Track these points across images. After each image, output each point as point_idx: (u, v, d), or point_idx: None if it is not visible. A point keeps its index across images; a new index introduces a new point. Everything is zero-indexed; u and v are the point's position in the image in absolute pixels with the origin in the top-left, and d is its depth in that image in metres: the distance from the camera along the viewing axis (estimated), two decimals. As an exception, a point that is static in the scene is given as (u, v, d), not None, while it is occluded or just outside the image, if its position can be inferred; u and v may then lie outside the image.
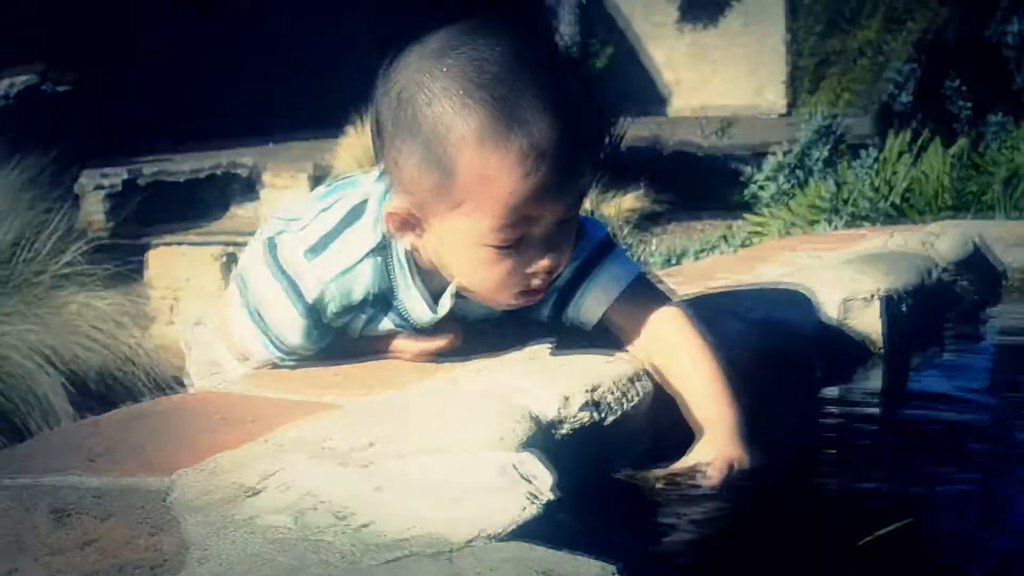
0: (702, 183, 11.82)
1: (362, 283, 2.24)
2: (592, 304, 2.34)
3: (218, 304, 2.58)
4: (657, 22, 21.19)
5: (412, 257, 2.25)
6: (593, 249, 2.34)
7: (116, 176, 11.28)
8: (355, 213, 2.25)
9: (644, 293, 2.35)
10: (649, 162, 13.29)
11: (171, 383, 5.79)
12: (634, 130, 15.35)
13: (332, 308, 2.25)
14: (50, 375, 5.88)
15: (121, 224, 10.59)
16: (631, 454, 2.14)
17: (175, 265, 9.90)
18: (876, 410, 2.63)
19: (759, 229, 7.75)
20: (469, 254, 2.10)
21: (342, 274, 2.22)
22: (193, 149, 13.10)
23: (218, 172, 12.40)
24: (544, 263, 2.11)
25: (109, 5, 14.87)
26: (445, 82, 2.01)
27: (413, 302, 2.28)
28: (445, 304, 2.28)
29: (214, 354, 2.62)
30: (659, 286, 2.44)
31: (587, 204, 2.32)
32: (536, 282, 2.15)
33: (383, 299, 2.29)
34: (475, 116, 1.97)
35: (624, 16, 22.66)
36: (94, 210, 10.71)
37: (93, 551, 1.47)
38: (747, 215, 8.40)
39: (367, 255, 2.23)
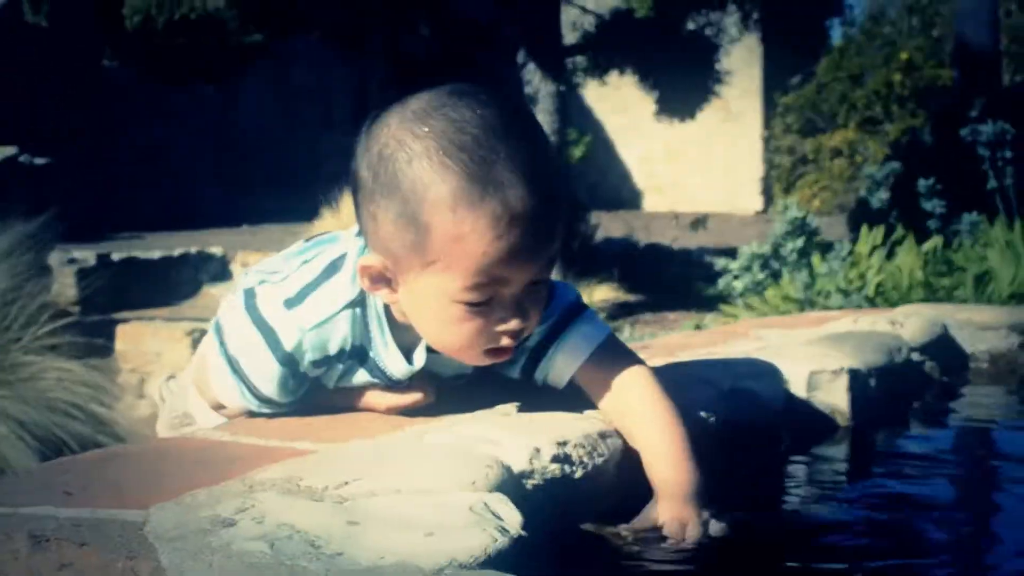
0: (675, 276, 11.87)
1: (339, 335, 2.28)
2: (562, 365, 2.38)
3: (194, 356, 2.60)
4: (634, 117, 21.33)
5: (388, 312, 2.29)
6: (564, 311, 2.39)
7: (89, 252, 11.29)
8: (334, 267, 2.30)
9: (613, 354, 2.39)
10: (623, 255, 13.37)
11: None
12: (608, 224, 15.47)
13: (309, 358, 2.29)
14: (26, 442, 5.87)
15: (93, 300, 10.57)
16: (600, 510, 2.17)
17: (145, 341, 9.89)
18: (841, 482, 2.64)
19: (732, 320, 7.80)
20: (440, 311, 2.14)
21: (320, 325, 2.26)
22: (165, 230, 13.14)
23: (192, 251, 12.41)
24: (513, 324, 2.15)
25: (82, 91, 14.97)
26: (425, 142, 2.06)
27: (388, 356, 2.32)
28: (419, 358, 2.32)
29: (188, 406, 2.66)
30: (628, 348, 2.48)
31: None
32: (504, 342, 2.19)
33: (359, 352, 2.33)
34: (452, 178, 2.02)
35: (601, 110, 22.84)
36: (67, 284, 10.69)
37: (70, 573, 1.49)
38: (722, 305, 8.47)
39: (345, 307, 2.27)
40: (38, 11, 9.97)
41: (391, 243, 2.12)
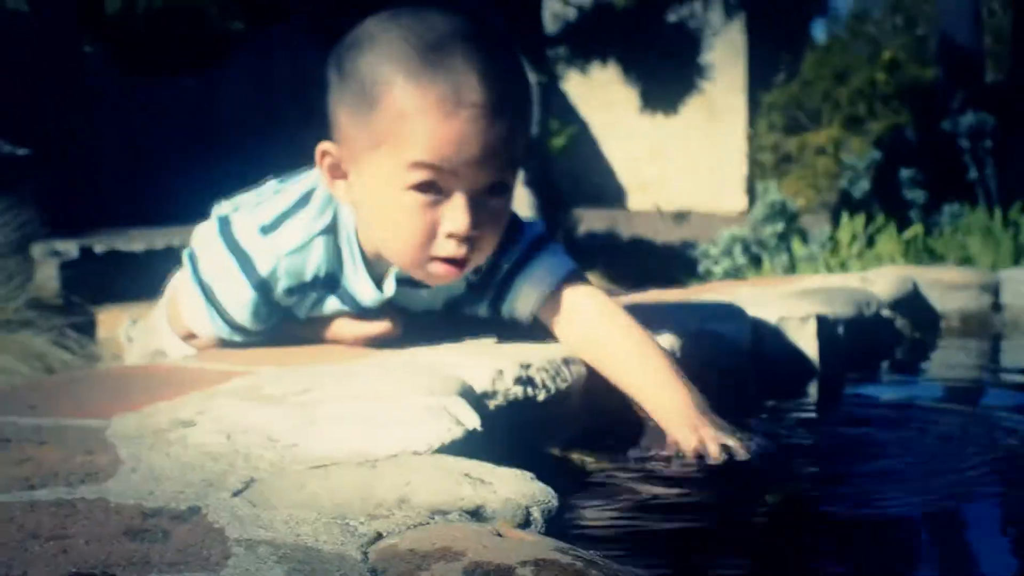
0: (658, 268, 11.88)
1: (313, 261, 2.30)
2: (527, 295, 2.39)
3: (166, 289, 2.61)
4: (618, 114, 21.35)
5: (359, 241, 2.31)
6: (529, 244, 2.40)
7: (72, 244, 11.26)
8: (308, 196, 2.32)
9: (578, 287, 2.40)
10: (606, 248, 13.40)
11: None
12: (592, 221, 15.48)
13: (283, 284, 2.30)
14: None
15: (76, 292, 10.54)
16: (565, 436, 2.18)
17: (117, 327, 9.84)
18: (807, 426, 2.62)
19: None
20: (388, 199, 2.13)
21: (296, 251, 2.27)
22: (146, 223, 13.12)
23: (175, 244, 12.39)
24: (461, 225, 2.12)
25: (63, 81, 14.95)
26: (390, 33, 2.11)
27: (359, 283, 2.34)
28: (389, 285, 2.33)
29: (158, 343, 2.66)
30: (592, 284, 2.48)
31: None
32: (451, 248, 2.16)
33: (331, 280, 2.34)
34: (407, 60, 2.06)
35: (585, 108, 22.85)
36: (49, 276, 10.66)
37: (30, 466, 1.50)
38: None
39: (319, 234, 2.29)
40: (18, -3, 9.97)
41: (346, 128, 2.16)
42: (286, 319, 2.43)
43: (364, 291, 2.35)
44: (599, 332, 2.32)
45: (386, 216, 2.17)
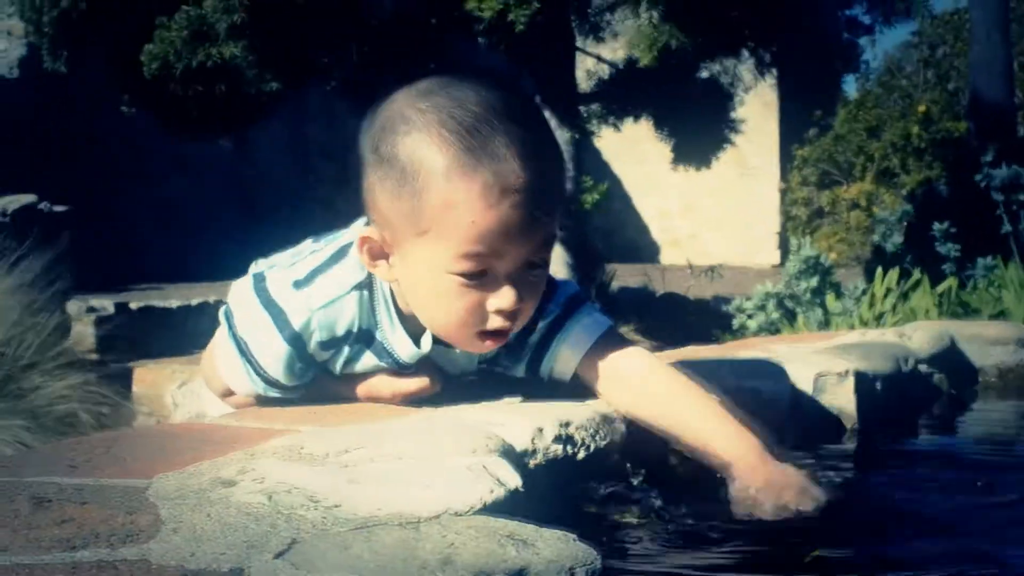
0: (692, 323, 11.86)
1: (347, 316, 2.31)
2: (566, 355, 2.40)
3: (205, 351, 2.62)
4: (651, 170, 21.37)
5: (395, 297, 2.31)
6: (564, 304, 2.42)
7: (107, 300, 11.28)
8: (342, 252, 2.34)
9: (617, 343, 2.41)
10: (640, 302, 13.37)
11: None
12: (626, 276, 15.46)
13: (316, 338, 2.30)
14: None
15: (111, 349, 10.57)
16: (604, 494, 2.17)
17: (162, 384, 9.88)
18: (845, 481, 2.59)
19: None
20: (433, 283, 2.16)
21: (328, 305, 2.28)
22: (181, 281, 13.17)
23: (210, 301, 12.42)
24: (506, 302, 2.16)
25: (101, 141, 15.06)
26: (426, 116, 2.11)
27: (396, 338, 2.34)
28: (427, 341, 2.33)
29: (201, 407, 2.68)
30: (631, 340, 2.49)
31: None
32: (499, 323, 2.21)
33: (366, 335, 2.35)
34: (448, 148, 2.07)
35: (618, 164, 22.89)
36: (85, 332, 10.69)
37: (71, 526, 1.50)
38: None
39: (353, 289, 2.30)
40: (57, 58, 10.01)
41: (387, 213, 2.16)
42: (322, 375, 2.43)
43: (401, 347, 2.35)
44: (648, 387, 2.33)
45: (432, 298, 2.20)
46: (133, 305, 11.53)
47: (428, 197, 2.08)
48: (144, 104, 10.75)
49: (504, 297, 2.16)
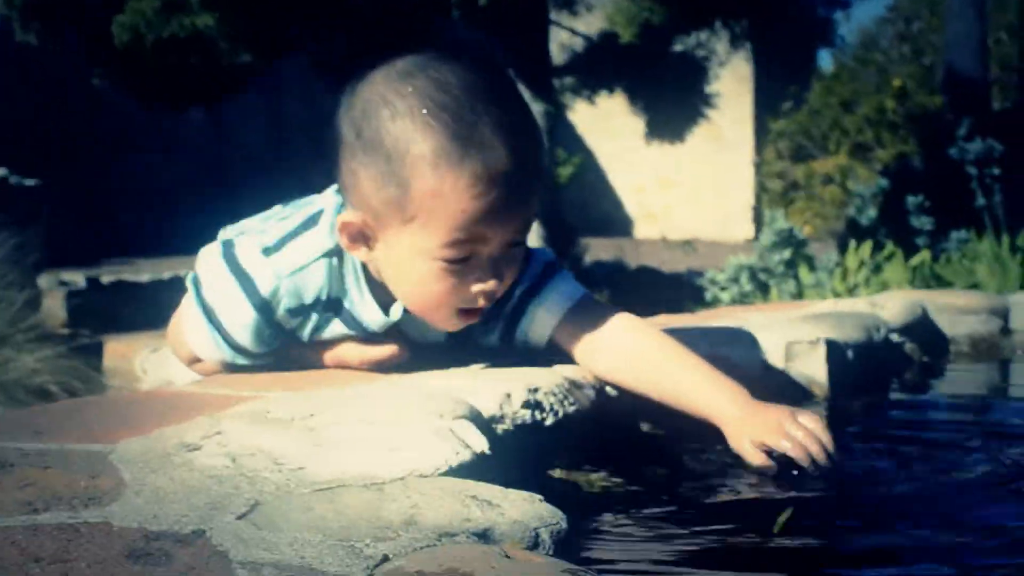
0: (665, 297, 11.87)
1: (315, 283, 2.29)
2: (542, 321, 2.39)
3: (172, 317, 2.59)
4: (625, 145, 21.35)
5: (365, 266, 2.30)
6: (540, 271, 2.40)
7: (79, 275, 11.23)
8: (312, 220, 2.32)
9: (593, 308, 2.40)
10: (614, 277, 13.39)
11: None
12: (600, 250, 15.47)
13: (284, 305, 2.29)
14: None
15: (83, 323, 10.51)
16: (574, 459, 2.16)
17: (133, 357, 9.84)
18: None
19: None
20: (417, 268, 2.15)
21: (296, 272, 2.27)
22: (154, 255, 13.13)
23: (182, 274, 12.34)
24: (490, 285, 2.18)
25: (72, 114, 14.98)
26: (409, 100, 2.08)
27: (364, 307, 2.33)
28: (397, 309, 2.32)
29: (169, 373, 2.66)
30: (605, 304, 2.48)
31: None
32: (480, 302, 2.22)
33: (335, 303, 2.34)
34: (435, 136, 2.05)
35: (593, 138, 22.87)
36: (56, 306, 10.64)
37: (32, 490, 1.49)
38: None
39: (322, 256, 2.28)
40: (28, 30, 9.94)
41: (371, 199, 2.13)
42: (291, 343, 2.41)
43: (370, 315, 2.34)
44: (633, 347, 2.33)
45: (414, 282, 2.19)
46: (105, 279, 11.48)
47: (415, 186, 2.06)
48: (116, 76, 10.69)
49: (488, 280, 2.17)
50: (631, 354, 2.32)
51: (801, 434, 2.09)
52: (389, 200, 2.10)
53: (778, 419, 2.13)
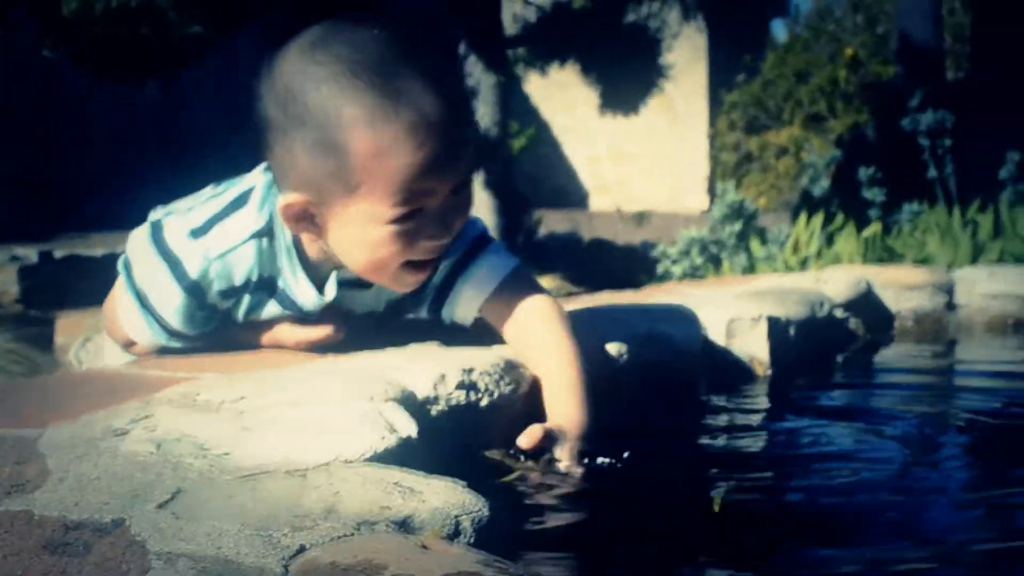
0: (619, 269, 11.87)
1: (245, 264, 2.27)
2: (468, 299, 2.39)
3: (105, 301, 2.58)
4: (579, 117, 21.35)
5: (298, 244, 2.28)
6: (468, 246, 2.39)
7: (31, 249, 11.16)
8: (242, 199, 2.30)
9: (519, 287, 2.39)
10: (568, 250, 13.37)
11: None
12: (554, 222, 15.46)
13: (215, 287, 2.27)
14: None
15: (35, 298, 10.45)
16: (508, 441, 2.15)
17: (85, 332, 9.77)
18: (751, 425, 2.59)
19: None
20: (368, 235, 2.12)
21: (225, 254, 2.25)
22: (107, 229, 13.05)
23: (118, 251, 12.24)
24: (442, 234, 2.16)
25: (22, 86, 14.87)
26: (329, 67, 2.05)
27: (298, 287, 2.31)
28: (330, 290, 2.31)
29: (104, 361, 2.64)
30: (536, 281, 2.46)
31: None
32: (430, 253, 2.19)
33: (268, 284, 2.32)
34: (363, 96, 2.02)
35: (547, 110, 22.85)
36: (8, 281, 10.56)
37: (-46, 478, 1.48)
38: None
39: (251, 237, 2.26)
40: (-25, 2, 9.86)
41: (311, 175, 2.10)
42: (226, 324, 2.40)
43: (304, 295, 2.32)
44: (531, 332, 2.33)
45: (367, 249, 2.16)
46: (58, 254, 11.40)
47: (354, 149, 2.03)
48: (65, 48, 10.60)
49: (438, 230, 2.15)
50: (527, 344, 2.33)
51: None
52: (330, 172, 2.07)
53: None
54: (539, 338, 2.30)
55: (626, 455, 2.06)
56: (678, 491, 2.01)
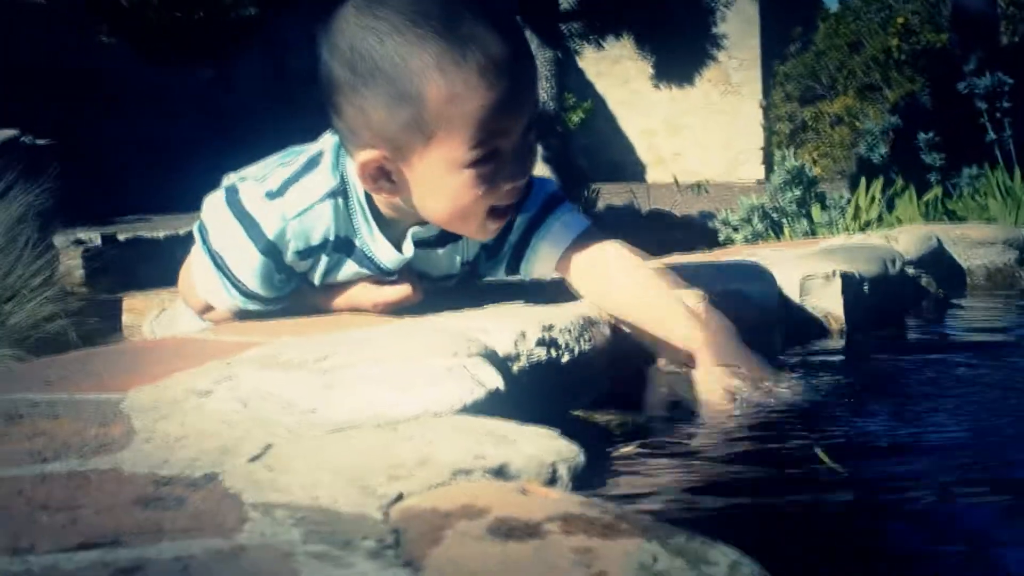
0: (679, 240, 11.85)
1: (322, 224, 2.28)
2: (546, 253, 2.40)
3: (182, 269, 2.58)
4: (634, 91, 21.33)
5: (372, 202, 2.28)
6: (543, 203, 2.40)
7: (94, 233, 11.20)
8: (313, 162, 2.30)
9: (596, 240, 2.41)
10: (626, 222, 13.35)
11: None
12: (612, 195, 15.44)
13: (293, 248, 2.27)
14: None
15: (100, 281, 10.50)
16: (591, 398, 2.14)
17: (152, 313, 9.80)
18: (833, 382, 2.56)
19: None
20: (449, 183, 2.13)
21: (302, 213, 2.25)
22: (166, 212, 13.10)
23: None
24: (519, 176, 2.18)
25: (81, 72, 14.94)
26: (392, 20, 2.06)
27: (376, 245, 2.32)
28: (408, 247, 2.30)
29: (179, 332, 2.64)
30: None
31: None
32: (511, 197, 2.21)
33: (344, 243, 2.32)
34: (430, 43, 2.03)
35: (602, 85, 22.82)
36: (73, 265, 10.61)
37: (42, 440, 1.47)
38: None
39: (326, 196, 2.27)
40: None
41: (386, 128, 2.11)
42: (303, 287, 2.40)
43: (383, 253, 2.32)
44: (617, 277, 2.34)
45: (450, 198, 2.17)
46: (121, 236, 11.45)
47: (429, 96, 2.04)
48: (122, 33, 10.65)
49: (516, 171, 2.17)
50: (617, 286, 2.34)
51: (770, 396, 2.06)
52: (404, 122, 2.08)
53: (758, 371, 2.10)
54: (622, 277, 2.33)
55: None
56: (758, 443, 1.98)
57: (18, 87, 13.22)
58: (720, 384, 2.10)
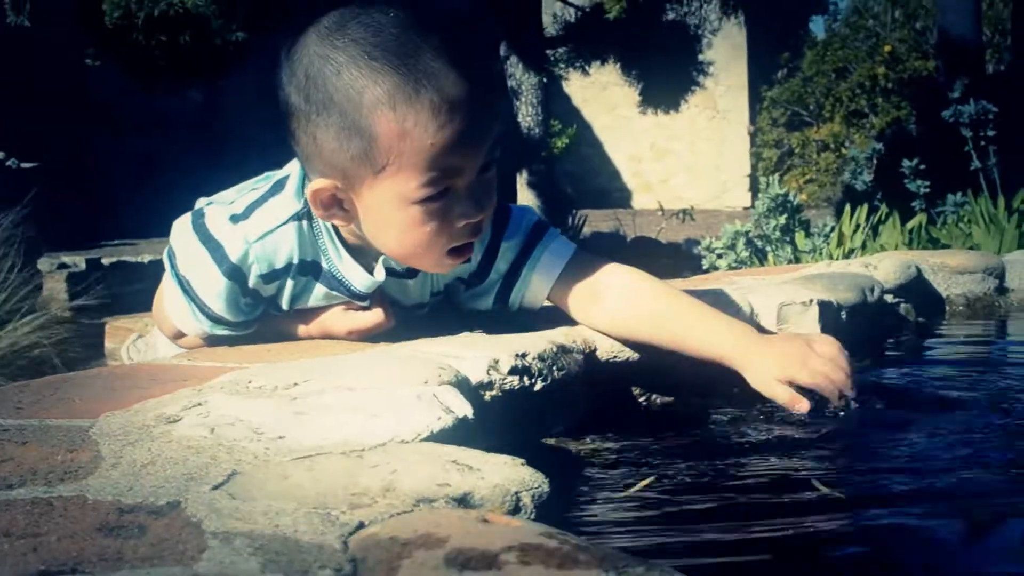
0: (664, 267, 11.86)
1: (286, 247, 2.28)
2: (538, 283, 2.41)
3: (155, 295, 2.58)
4: (621, 116, 21.37)
5: (337, 229, 2.29)
6: (529, 232, 2.40)
7: (79, 257, 11.20)
8: (279, 185, 2.32)
9: (589, 264, 2.41)
10: (612, 248, 13.38)
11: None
12: (598, 221, 15.46)
13: (256, 271, 2.27)
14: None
15: (84, 305, 10.47)
16: (565, 426, 2.15)
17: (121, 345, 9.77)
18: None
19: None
20: (399, 216, 2.13)
21: (265, 236, 2.25)
22: (152, 236, 13.09)
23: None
24: (473, 214, 2.16)
25: (68, 94, 14.94)
26: (348, 51, 2.06)
27: (345, 267, 2.31)
28: (380, 269, 2.30)
29: (156, 357, 2.64)
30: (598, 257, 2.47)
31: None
32: (464, 236, 2.20)
33: (312, 266, 2.32)
34: (384, 78, 2.03)
35: (589, 111, 22.85)
36: (58, 289, 10.59)
37: (9, 465, 1.47)
38: (706, 285, 8.38)
39: (290, 219, 2.27)
40: (20, 11, 9.89)
41: (337, 159, 2.11)
42: (273, 313, 2.40)
43: (354, 276, 2.33)
44: (634, 298, 2.34)
45: (399, 231, 2.17)
46: (105, 260, 11.43)
47: (378, 131, 2.04)
48: (109, 56, 10.65)
49: (471, 212, 2.15)
50: (628, 300, 2.33)
51: (828, 366, 2.09)
52: (355, 155, 2.08)
53: (799, 351, 2.12)
54: (640, 297, 2.34)
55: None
56: (730, 474, 1.97)
57: (3, 110, 13.21)
58: (782, 382, 2.12)
